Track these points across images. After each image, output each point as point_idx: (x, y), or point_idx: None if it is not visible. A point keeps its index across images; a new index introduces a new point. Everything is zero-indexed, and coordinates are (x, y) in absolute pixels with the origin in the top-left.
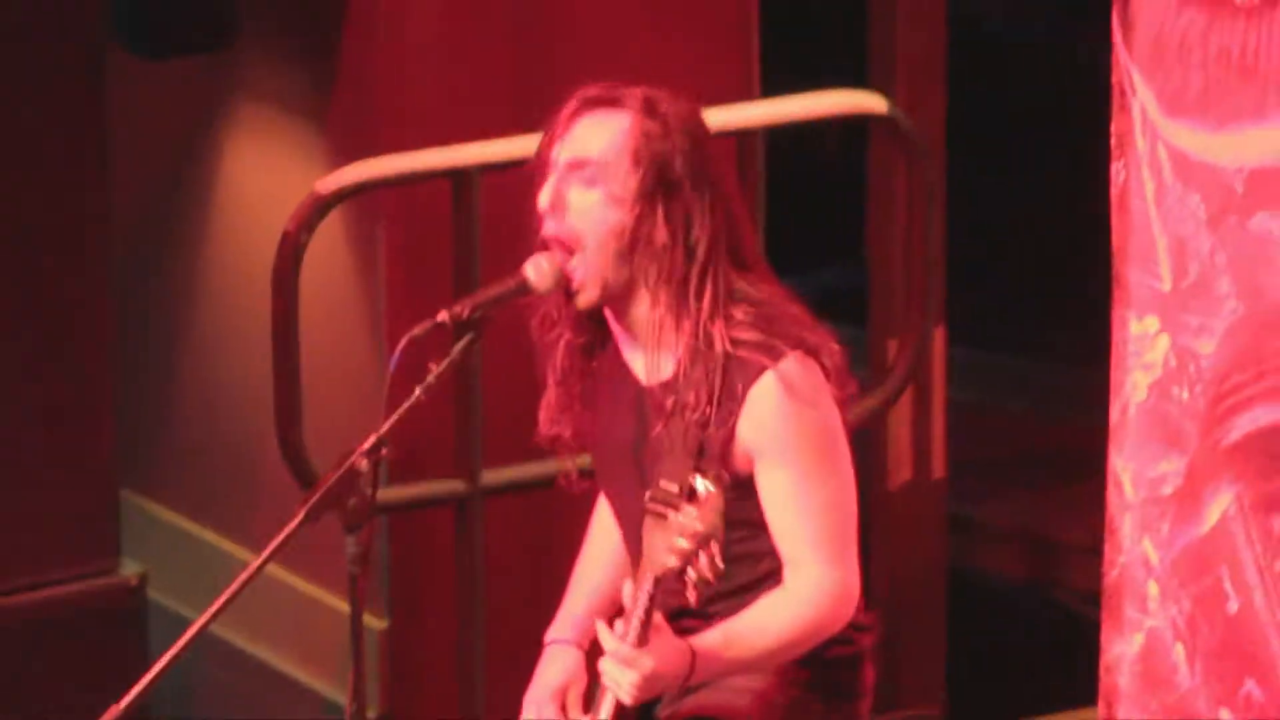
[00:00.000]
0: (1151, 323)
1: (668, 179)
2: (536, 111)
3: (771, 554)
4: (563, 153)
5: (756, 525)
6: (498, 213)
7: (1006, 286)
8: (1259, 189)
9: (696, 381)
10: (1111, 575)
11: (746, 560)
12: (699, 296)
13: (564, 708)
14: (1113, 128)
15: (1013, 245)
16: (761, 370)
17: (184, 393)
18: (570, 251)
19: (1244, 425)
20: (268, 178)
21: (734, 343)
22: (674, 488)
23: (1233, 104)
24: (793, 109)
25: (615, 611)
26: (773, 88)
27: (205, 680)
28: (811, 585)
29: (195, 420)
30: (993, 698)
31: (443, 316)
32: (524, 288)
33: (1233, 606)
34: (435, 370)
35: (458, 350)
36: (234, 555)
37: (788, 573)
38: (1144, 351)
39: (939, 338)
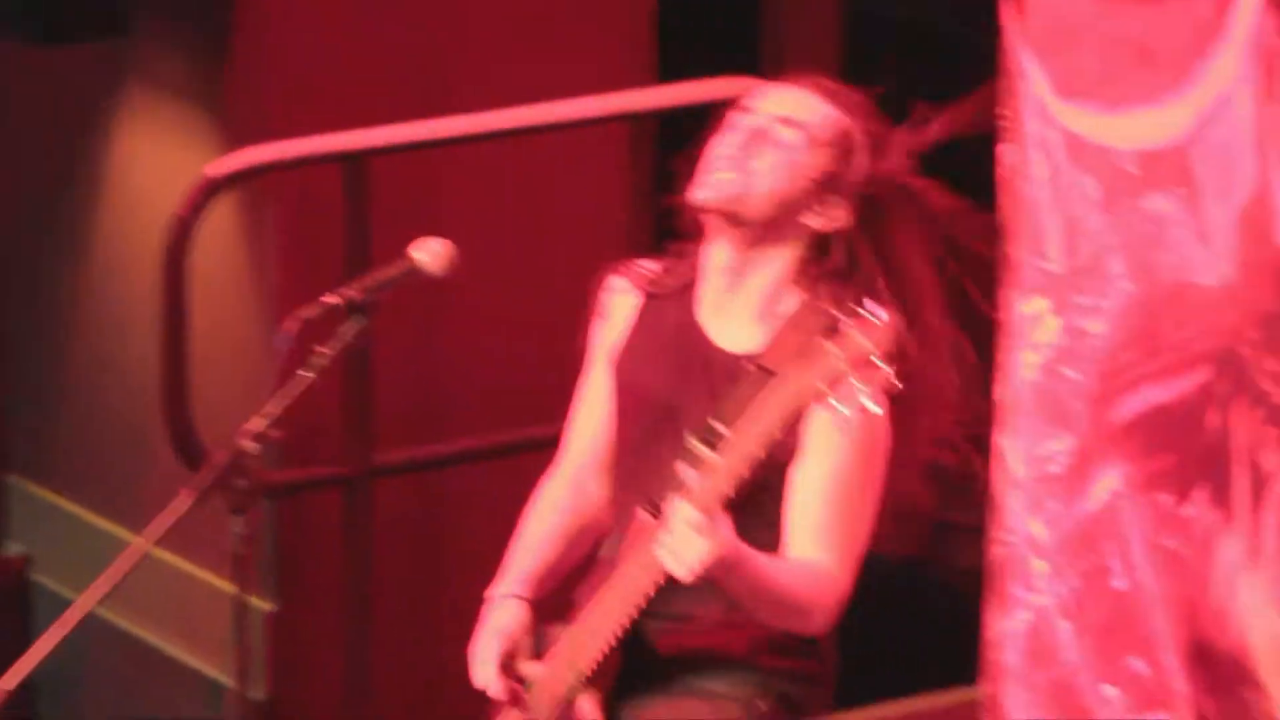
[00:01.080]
0: (1041, 303)
1: (841, 177)
2: (429, 96)
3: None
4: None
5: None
6: (388, 196)
7: None
8: (1152, 171)
9: (795, 360)
10: (997, 553)
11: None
12: (832, 283)
13: (513, 657)
14: (1002, 110)
15: None
16: (845, 376)
17: (71, 376)
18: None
19: (1133, 404)
20: (160, 163)
21: (841, 342)
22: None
23: (1126, 86)
24: (681, 95)
25: (562, 576)
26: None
27: (90, 662)
28: (824, 581)
29: (83, 403)
30: (878, 677)
31: (332, 299)
32: (414, 270)
33: (1120, 584)
34: (324, 352)
35: (347, 332)
36: (120, 538)
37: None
38: (1033, 331)
39: None
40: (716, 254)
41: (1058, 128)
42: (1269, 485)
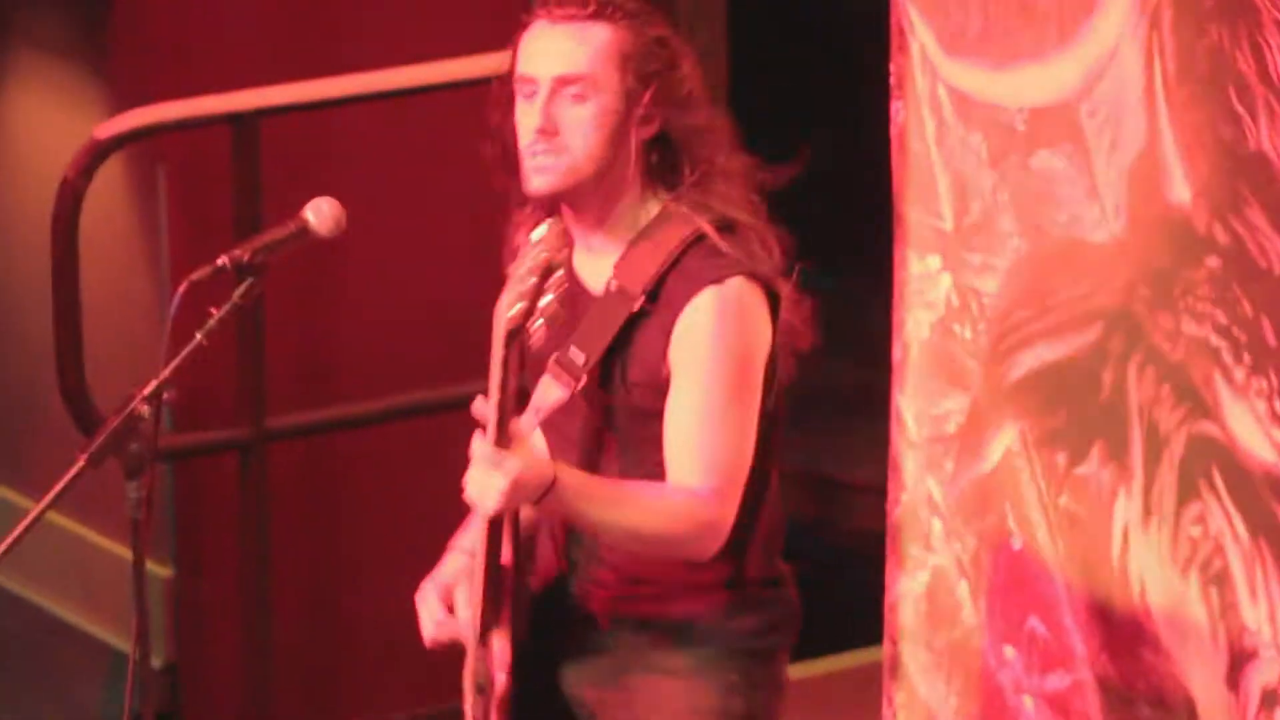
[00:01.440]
0: (934, 261)
1: (643, 81)
2: (315, 55)
3: None
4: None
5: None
6: (278, 157)
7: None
8: (1040, 127)
9: (640, 269)
10: (895, 513)
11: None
12: (669, 187)
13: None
14: (891, 67)
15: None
16: (703, 286)
17: None
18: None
19: (1027, 362)
20: (47, 125)
21: (688, 247)
22: (581, 358)
23: (1012, 43)
24: None
25: (528, 528)
26: None
27: None
28: (693, 505)
29: None
30: None
31: (223, 260)
32: (304, 231)
33: (1016, 543)
34: (216, 314)
35: (239, 294)
36: (14, 502)
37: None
38: (926, 290)
39: None
40: (565, 211)
41: (946, 85)
42: (1166, 443)
